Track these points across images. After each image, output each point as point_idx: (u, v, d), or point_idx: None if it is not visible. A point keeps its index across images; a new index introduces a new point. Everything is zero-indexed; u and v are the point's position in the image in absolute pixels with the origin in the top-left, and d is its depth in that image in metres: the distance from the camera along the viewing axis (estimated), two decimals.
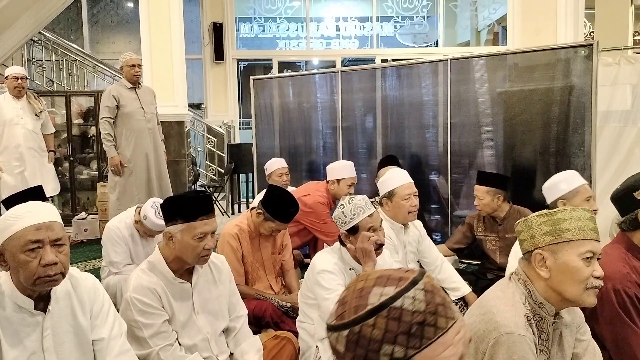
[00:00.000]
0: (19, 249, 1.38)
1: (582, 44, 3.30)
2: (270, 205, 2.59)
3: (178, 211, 1.84)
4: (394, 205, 2.70)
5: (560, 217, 1.36)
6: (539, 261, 1.37)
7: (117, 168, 4.28)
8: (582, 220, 1.35)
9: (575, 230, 1.34)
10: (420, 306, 0.76)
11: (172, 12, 5.52)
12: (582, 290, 1.34)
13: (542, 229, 1.37)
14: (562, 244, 1.34)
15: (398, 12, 9.77)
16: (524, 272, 1.42)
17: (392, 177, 2.79)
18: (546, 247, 1.36)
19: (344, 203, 2.13)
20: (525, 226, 1.41)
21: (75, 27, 10.28)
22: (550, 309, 1.38)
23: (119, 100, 4.29)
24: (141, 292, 1.79)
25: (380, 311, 0.76)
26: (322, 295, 2.05)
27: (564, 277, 1.34)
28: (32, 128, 4.59)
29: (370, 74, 4.24)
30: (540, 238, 1.37)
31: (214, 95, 8.83)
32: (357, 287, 0.82)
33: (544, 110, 3.41)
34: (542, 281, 1.37)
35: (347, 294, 0.83)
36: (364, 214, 2.08)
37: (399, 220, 2.73)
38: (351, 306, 0.79)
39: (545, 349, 1.39)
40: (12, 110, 4.50)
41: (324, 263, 2.09)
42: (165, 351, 1.79)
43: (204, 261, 1.88)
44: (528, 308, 1.37)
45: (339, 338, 0.79)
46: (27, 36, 6.31)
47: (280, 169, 4.01)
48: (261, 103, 4.87)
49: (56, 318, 1.49)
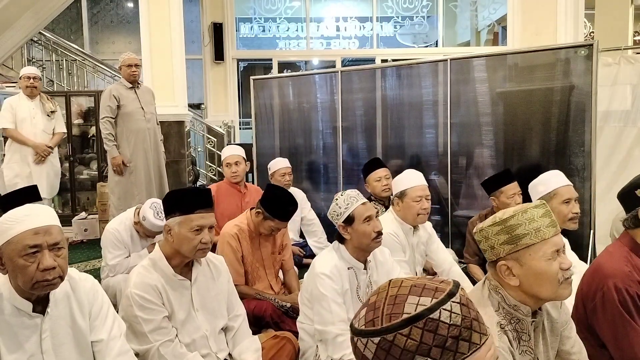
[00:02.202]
0: (17, 254, 1.38)
1: (582, 44, 3.30)
2: (269, 205, 2.60)
3: (176, 204, 1.88)
4: (405, 205, 2.70)
5: (513, 223, 1.31)
6: (505, 271, 1.34)
7: (119, 168, 4.28)
8: (536, 221, 1.31)
9: (531, 233, 1.30)
10: (456, 320, 0.75)
11: (172, 12, 5.52)
12: (556, 287, 1.31)
13: (499, 238, 1.33)
14: (523, 250, 1.31)
15: (398, 12, 9.77)
16: (494, 278, 1.39)
17: (406, 177, 2.78)
18: (508, 256, 1.33)
19: (337, 197, 2.17)
20: (482, 237, 1.37)
21: (75, 27, 10.27)
22: (526, 310, 1.36)
23: (119, 99, 4.29)
24: (142, 288, 1.81)
25: (417, 321, 0.74)
26: (318, 299, 2.05)
27: (534, 281, 1.31)
28: (43, 128, 4.60)
29: (370, 74, 4.24)
30: (499, 248, 1.33)
31: (214, 95, 8.83)
32: (390, 294, 0.80)
33: (544, 110, 3.40)
34: (514, 287, 1.35)
35: (377, 299, 0.81)
36: (357, 203, 2.11)
37: (408, 221, 2.73)
38: (385, 313, 0.77)
39: (529, 349, 1.37)
40: (25, 110, 4.52)
41: (324, 266, 2.08)
42: (166, 347, 1.80)
43: (202, 254, 1.90)
44: (501, 314, 1.35)
45: (368, 344, 0.77)
46: (27, 36, 6.31)
47: (283, 168, 4.00)
48: (261, 103, 4.87)
49: (55, 320, 1.49)
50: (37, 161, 4.54)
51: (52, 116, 4.69)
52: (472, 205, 3.78)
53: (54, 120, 4.72)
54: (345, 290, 2.08)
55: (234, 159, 3.71)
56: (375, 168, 3.51)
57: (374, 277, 2.20)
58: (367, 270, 2.18)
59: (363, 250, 2.14)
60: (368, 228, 2.08)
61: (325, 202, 4.56)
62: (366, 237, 2.09)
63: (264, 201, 2.63)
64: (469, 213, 3.66)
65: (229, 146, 3.99)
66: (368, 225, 2.09)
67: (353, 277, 2.12)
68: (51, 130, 4.70)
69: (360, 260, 2.15)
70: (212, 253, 2.12)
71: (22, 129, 4.50)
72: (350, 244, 2.13)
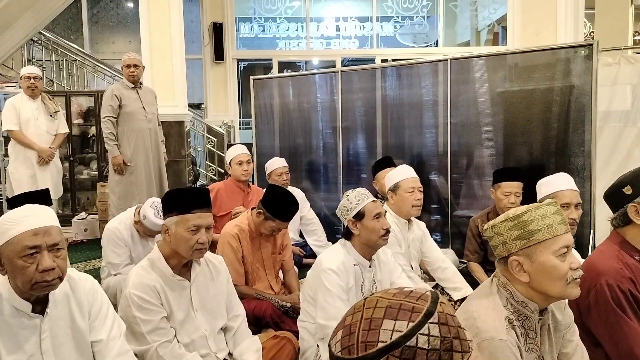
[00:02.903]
0: (16, 255, 1.38)
1: (582, 44, 3.29)
2: (270, 205, 2.60)
3: (174, 204, 1.88)
4: (398, 198, 2.77)
5: (527, 218, 1.34)
6: (516, 267, 1.36)
7: (120, 167, 4.28)
8: (549, 217, 1.34)
9: (544, 229, 1.33)
10: (435, 343, 0.71)
11: (172, 12, 5.52)
12: (564, 286, 1.33)
13: (512, 234, 1.35)
14: (535, 246, 1.33)
15: (398, 12, 9.77)
16: (503, 275, 1.41)
17: (398, 171, 2.89)
18: (520, 251, 1.35)
19: (348, 193, 2.22)
20: (494, 233, 1.40)
21: (75, 27, 10.27)
22: (534, 307, 1.38)
23: (121, 99, 4.28)
24: (140, 289, 1.81)
25: (393, 350, 0.71)
26: (323, 294, 2.06)
27: (544, 278, 1.33)
28: (46, 129, 4.58)
29: (370, 74, 4.24)
30: (511, 244, 1.36)
31: (214, 95, 8.84)
32: (366, 316, 0.76)
33: (544, 110, 3.40)
34: (523, 284, 1.37)
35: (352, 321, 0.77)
36: (368, 200, 2.17)
37: (403, 214, 2.79)
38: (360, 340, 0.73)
39: (535, 347, 1.39)
40: (28, 111, 4.49)
41: (330, 261, 2.10)
42: (164, 347, 1.80)
43: (199, 254, 1.89)
44: (510, 310, 1.36)
45: None
46: (27, 36, 6.31)
47: (280, 168, 4.01)
48: (261, 103, 4.87)
49: (54, 320, 1.49)
50: (42, 164, 4.52)
51: (55, 116, 4.67)
52: (472, 205, 3.78)
53: (56, 120, 4.70)
54: (350, 287, 2.10)
55: (245, 157, 3.78)
56: (386, 166, 3.56)
57: (378, 276, 2.23)
58: (372, 268, 2.20)
59: (370, 247, 2.17)
60: (377, 225, 2.12)
61: (325, 202, 4.56)
62: (375, 233, 2.12)
63: (265, 201, 2.63)
64: (469, 213, 3.66)
65: (238, 145, 3.99)
66: (377, 222, 2.13)
67: (359, 274, 2.15)
68: (54, 130, 4.67)
69: (367, 257, 2.18)
70: (212, 253, 2.12)
71: (26, 130, 4.47)
72: (357, 240, 2.15)
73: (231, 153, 3.84)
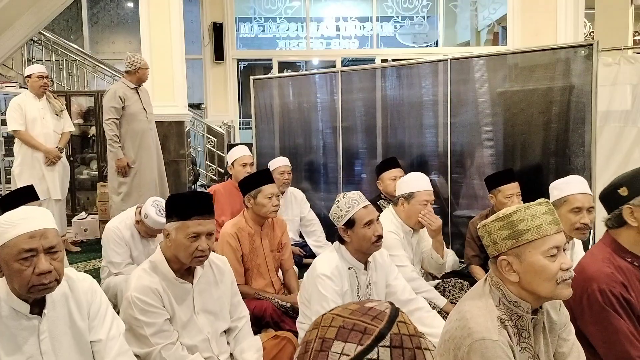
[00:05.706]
0: (13, 258, 1.37)
1: (582, 44, 3.29)
2: (246, 183, 2.71)
3: (174, 208, 1.86)
4: (410, 207, 2.72)
5: (516, 218, 1.34)
6: (506, 267, 1.36)
7: (124, 169, 4.25)
8: (539, 217, 1.33)
9: (533, 229, 1.32)
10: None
11: (172, 12, 5.51)
12: (554, 286, 1.33)
13: (502, 233, 1.36)
14: (524, 246, 1.33)
15: (398, 12, 9.77)
16: (495, 275, 1.41)
17: (415, 179, 2.80)
18: (509, 251, 1.35)
19: (339, 198, 2.16)
20: (485, 232, 1.40)
21: (75, 27, 10.27)
22: (527, 307, 1.38)
23: (125, 100, 4.25)
24: (142, 292, 1.80)
25: None
26: (317, 299, 2.05)
27: (533, 278, 1.33)
28: (54, 128, 4.46)
29: (370, 74, 4.23)
30: (501, 243, 1.36)
31: (214, 95, 8.84)
32: (320, 334, 0.72)
33: (544, 110, 3.40)
34: (514, 283, 1.37)
35: (310, 337, 0.73)
36: (359, 206, 2.11)
37: (410, 223, 2.74)
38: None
39: (529, 346, 1.38)
40: (35, 110, 4.38)
41: (324, 267, 2.09)
42: (167, 350, 1.79)
43: (198, 262, 1.87)
44: (502, 310, 1.36)
45: None
46: (27, 36, 6.30)
47: (282, 167, 3.97)
48: (261, 103, 4.86)
49: (53, 321, 1.49)
50: (49, 164, 4.40)
51: (61, 115, 4.57)
52: (472, 205, 3.78)
53: (62, 119, 4.59)
54: (345, 291, 2.08)
55: (249, 160, 3.83)
56: (391, 167, 3.52)
57: (374, 279, 2.21)
58: (368, 271, 2.18)
59: (363, 253, 2.15)
60: (368, 232, 2.09)
61: (325, 202, 4.55)
62: (366, 241, 2.09)
63: (242, 187, 2.74)
64: (469, 213, 3.66)
65: (241, 146, 3.97)
66: (368, 229, 2.09)
67: (353, 278, 2.13)
68: (61, 129, 4.55)
69: (361, 261, 2.16)
70: (215, 254, 2.11)
71: (33, 130, 4.33)
72: (350, 246, 2.14)
73: (235, 154, 3.82)
